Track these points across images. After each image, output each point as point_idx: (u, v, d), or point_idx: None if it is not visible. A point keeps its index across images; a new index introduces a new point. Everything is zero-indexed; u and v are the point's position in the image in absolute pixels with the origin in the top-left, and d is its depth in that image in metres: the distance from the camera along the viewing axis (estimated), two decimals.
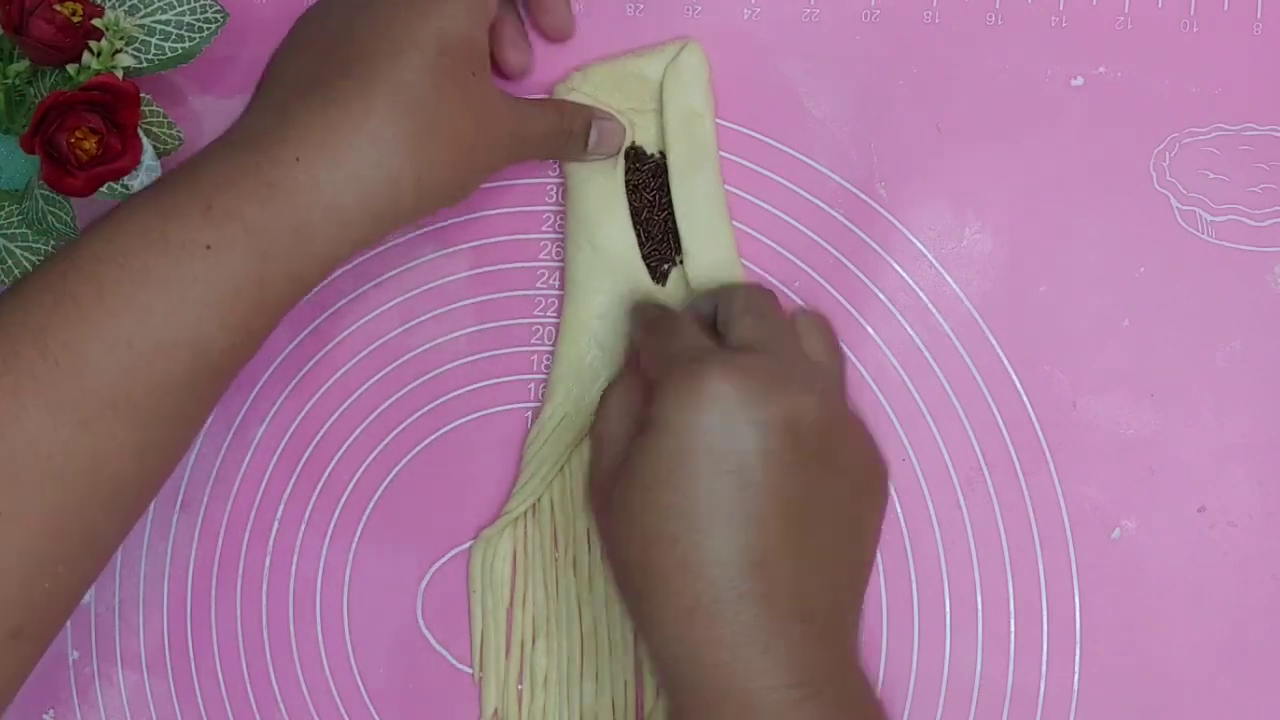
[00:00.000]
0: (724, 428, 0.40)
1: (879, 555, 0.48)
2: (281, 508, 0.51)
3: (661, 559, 0.40)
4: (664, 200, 0.50)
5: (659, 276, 0.49)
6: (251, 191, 0.40)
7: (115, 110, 0.44)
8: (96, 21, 0.45)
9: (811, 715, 0.39)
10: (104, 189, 0.45)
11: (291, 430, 0.51)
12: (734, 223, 0.50)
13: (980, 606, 0.48)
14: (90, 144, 0.44)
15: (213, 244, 0.39)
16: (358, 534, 0.50)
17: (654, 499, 0.41)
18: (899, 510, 0.48)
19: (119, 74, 0.45)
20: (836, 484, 0.43)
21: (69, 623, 0.50)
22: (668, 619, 0.40)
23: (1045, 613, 0.48)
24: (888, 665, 0.48)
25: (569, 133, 0.47)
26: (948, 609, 0.48)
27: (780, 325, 0.45)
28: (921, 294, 0.49)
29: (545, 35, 0.51)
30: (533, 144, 0.47)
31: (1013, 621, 0.48)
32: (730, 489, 0.40)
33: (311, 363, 0.51)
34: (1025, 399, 0.48)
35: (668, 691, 0.42)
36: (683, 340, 0.44)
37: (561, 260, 0.50)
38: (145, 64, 0.48)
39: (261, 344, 0.42)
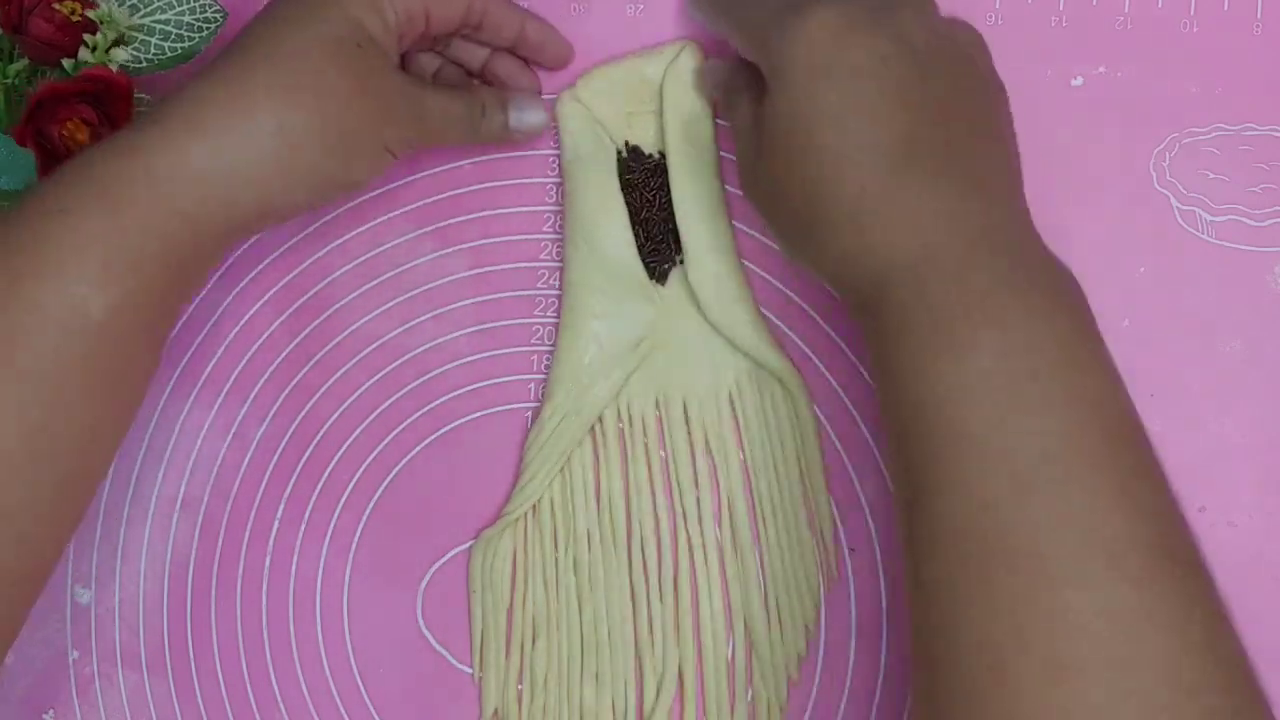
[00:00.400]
0: (839, 54, 0.40)
1: (878, 559, 0.48)
2: (281, 508, 0.51)
3: (820, 182, 0.41)
4: (664, 200, 0.50)
5: (658, 276, 0.49)
6: (108, 157, 0.41)
7: (108, 102, 0.44)
8: (90, 13, 0.45)
9: (996, 264, 0.39)
10: None
11: (291, 430, 0.51)
12: (734, 223, 0.50)
13: None
14: (82, 135, 0.44)
15: (69, 207, 0.40)
16: (358, 534, 0.50)
17: (798, 142, 0.41)
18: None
19: (114, 68, 0.45)
20: (961, 88, 0.42)
21: (69, 622, 0.50)
22: (841, 222, 0.41)
23: None
24: (887, 664, 0.48)
25: (478, 109, 0.48)
26: None
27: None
28: None
29: (548, 67, 0.51)
30: (436, 123, 0.47)
31: None
32: (861, 98, 0.40)
33: (311, 363, 0.51)
34: None
35: (866, 315, 0.41)
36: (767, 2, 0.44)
37: (561, 260, 0.50)
38: (145, 63, 0.48)
39: (169, 309, 0.43)
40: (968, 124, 0.42)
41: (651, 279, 0.49)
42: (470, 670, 0.49)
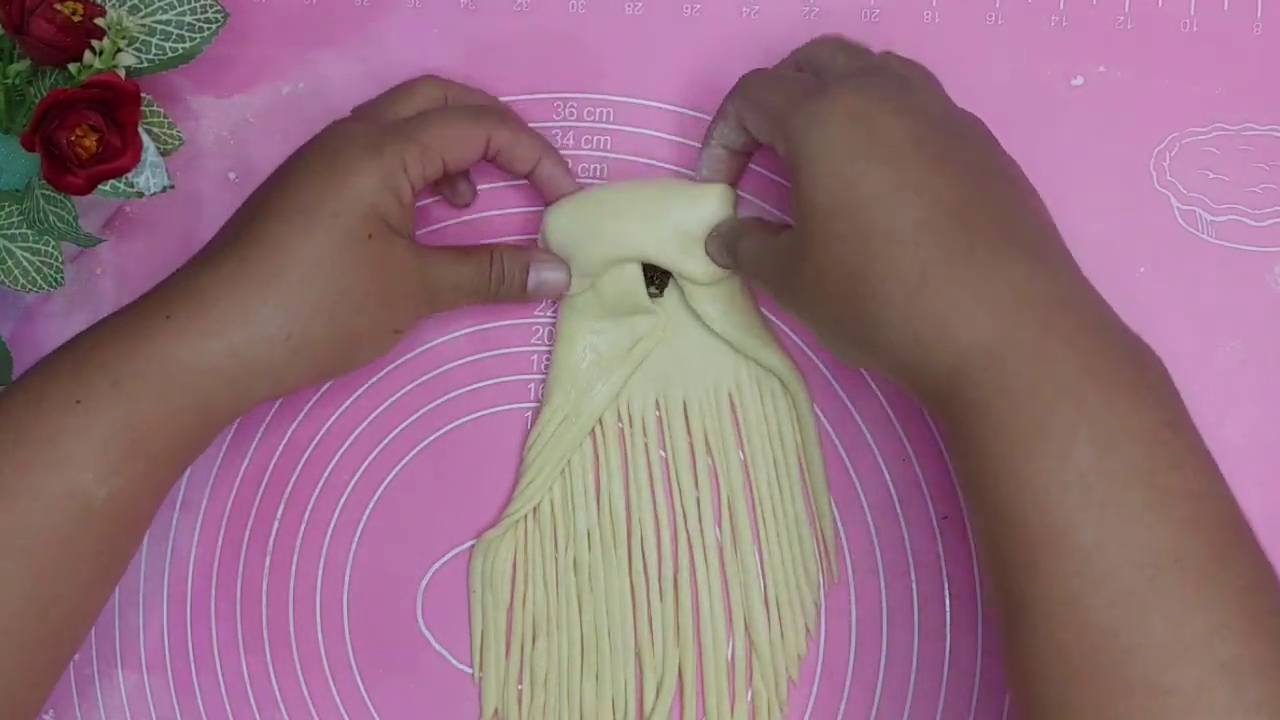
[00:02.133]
0: (872, 133, 0.39)
1: (879, 560, 0.48)
2: (281, 508, 0.51)
3: (871, 270, 0.39)
4: None
5: (656, 284, 0.49)
6: (122, 350, 0.42)
7: (116, 108, 0.44)
8: (99, 20, 0.45)
9: (1078, 344, 0.37)
10: (106, 187, 0.45)
11: (291, 430, 0.51)
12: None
13: (980, 606, 0.48)
14: (90, 142, 0.44)
15: (82, 399, 0.41)
16: (358, 534, 0.50)
17: (839, 229, 0.39)
18: (899, 510, 0.48)
19: (121, 73, 0.46)
20: (991, 156, 0.42)
21: None
22: (902, 310, 0.38)
23: None
24: (887, 663, 0.48)
25: (497, 278, 0.47)
26: (948, 608, 0.48)
27: (871, 53, 0.45)
28: None
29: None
30: (451, 292, 0.47)
31: None
32: (905, 174, 0.39)
33: None
34: None
35: (940, 408, 0.39)
36: (788, 85, 0.43)
37: None
38: (146, 64, 0.48)
39: (165, 489, 0.43)
40: (1009, 190, 0.41)
41: (649, 286, 0.49)
42: (470, 670, 0.49)
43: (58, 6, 0.44)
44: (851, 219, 0.39)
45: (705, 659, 0.48)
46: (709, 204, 0.47)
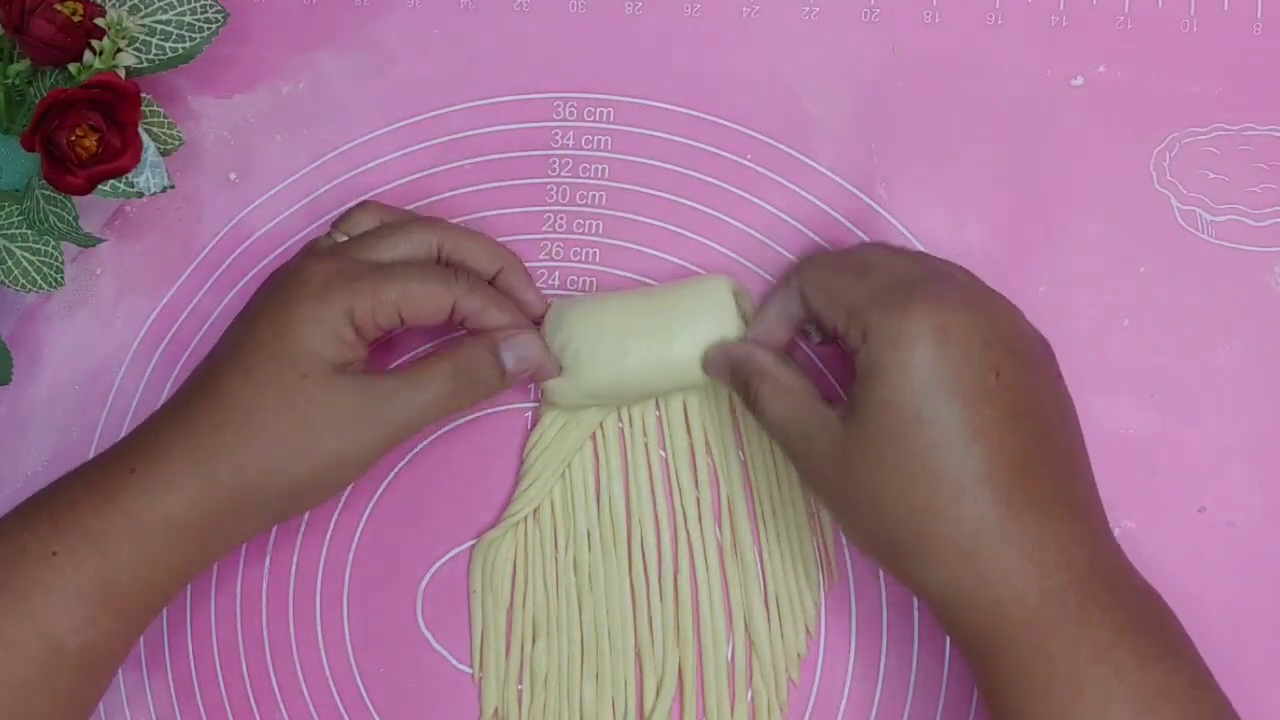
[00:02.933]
0: (954, 365, 0.39)
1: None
2: None
3: (932, 508, 0.39)
4: None
5: None
6: (94, 503, 0.42)
7: (116, 108, 0.44)
8: (99, 21, 0.45)
9: (1112, 605, 0.39)
10: (106, 187, 0.45)
11: None
12: (734, 222, 0.50)
13: None
14: (90, 142, 0.44)
15: (59, 551, 0.42)
16: (358, 534, 0.50)
17: (906, 467, 0.39)
18: None
19: (120, 73, 0.46)
20: (1053, 388, 0.42)
21: None
22: (954, 552, 0.39)
23: None
24: (887, 664, 0.48)
25: (472, 375, 0.46)
26: None
27: (918, 253, 0.45)
28: None
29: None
30: (419, 415, 0.45)
31: None
32: (983, 423, 0.39)
33: None
34: None
35: (974, 648, 0.40)
36: (869, 280, 0.42)
37: (561, 260, 0.51)
38: (146, 64, 0.48)
39: (136, 636, 0.44)
40: (1068, 443, 0.41)
41: None
42: (470, 670, 0.49)
43: (58, 6, 0.44)
44: (923, 460, 0.39)
45: (705, 659, 0.48)
46: (712, 318, 0.47)
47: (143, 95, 0.46)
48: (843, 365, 0.49)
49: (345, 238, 0.47)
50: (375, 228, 0.47)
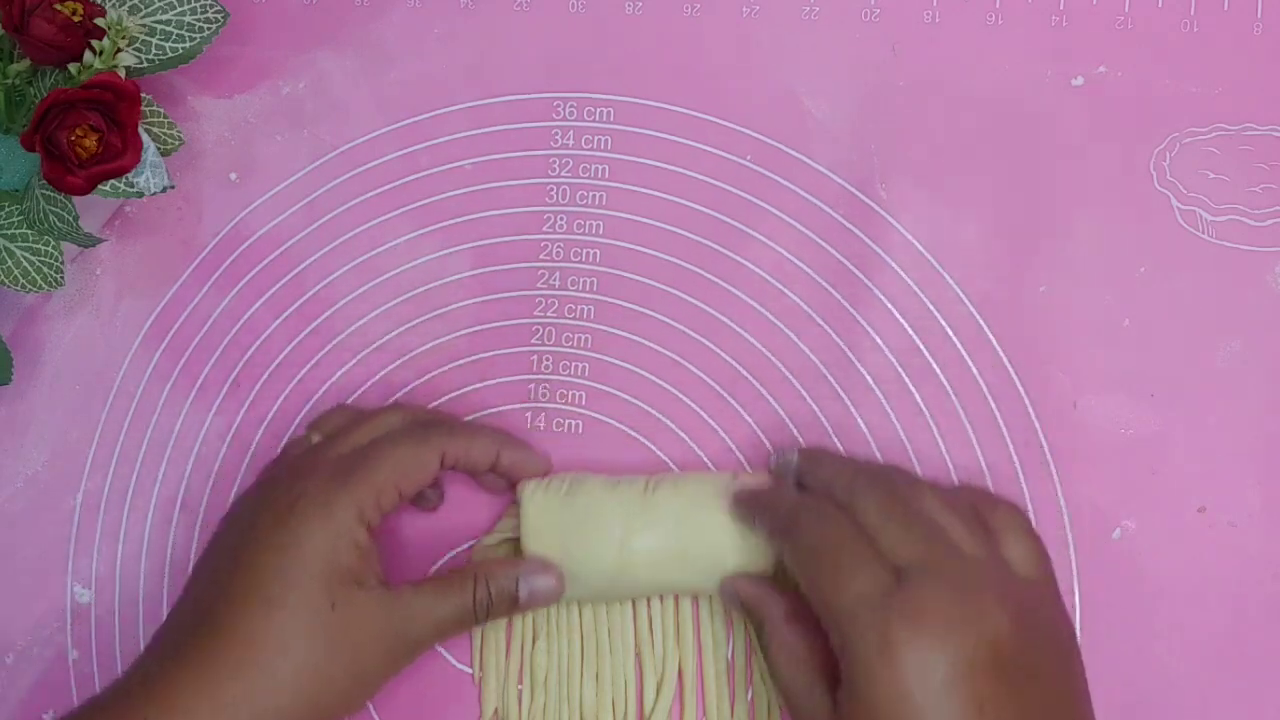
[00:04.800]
0: (931, 693, 0.38)
1: None
2: None
3: None
4: None
5: None
6: None
7: (116, 108, 0.44)
8: (99, 21, 0.45)
9: None
10: (106, 187, 0.45)
11: (291, 431, 0.51)
12: (732, 222, 0.50)
13: None
14: (91, 142, 0.44)
15: None
16: None
17: None
18: None
19: (121, 73, 0.46)
20: (1045, 686, 0.40)
21: (69, 622, 0.50)
22: None
23: None
24: None
25: (484, 602, 0.45)
26: None
27: (935, 523, 0.42)
28: (921, 294, 0.49)
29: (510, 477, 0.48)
30: (432, 634, 0.44)
31: None
32: None
33: (311, 363, 0.51)
34: (1025, 399, 0.48)
35: None
36: (856, 575, 0.40)
37: (561, 260, 0.51)
38: (146, 64, 0.48)
39: None
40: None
41: None
42: (470, 670, 0.49)
43: (58, 6, 0.44)
44: None
45: (705, 659, 0.48)
46: (716, 534, 0.45)
47: (143, 95, 0.46)
48: None
49: (319, 437, 0.47)
50: (348, 423, 0.47)
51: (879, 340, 0.49)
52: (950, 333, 0.49)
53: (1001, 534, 0.42)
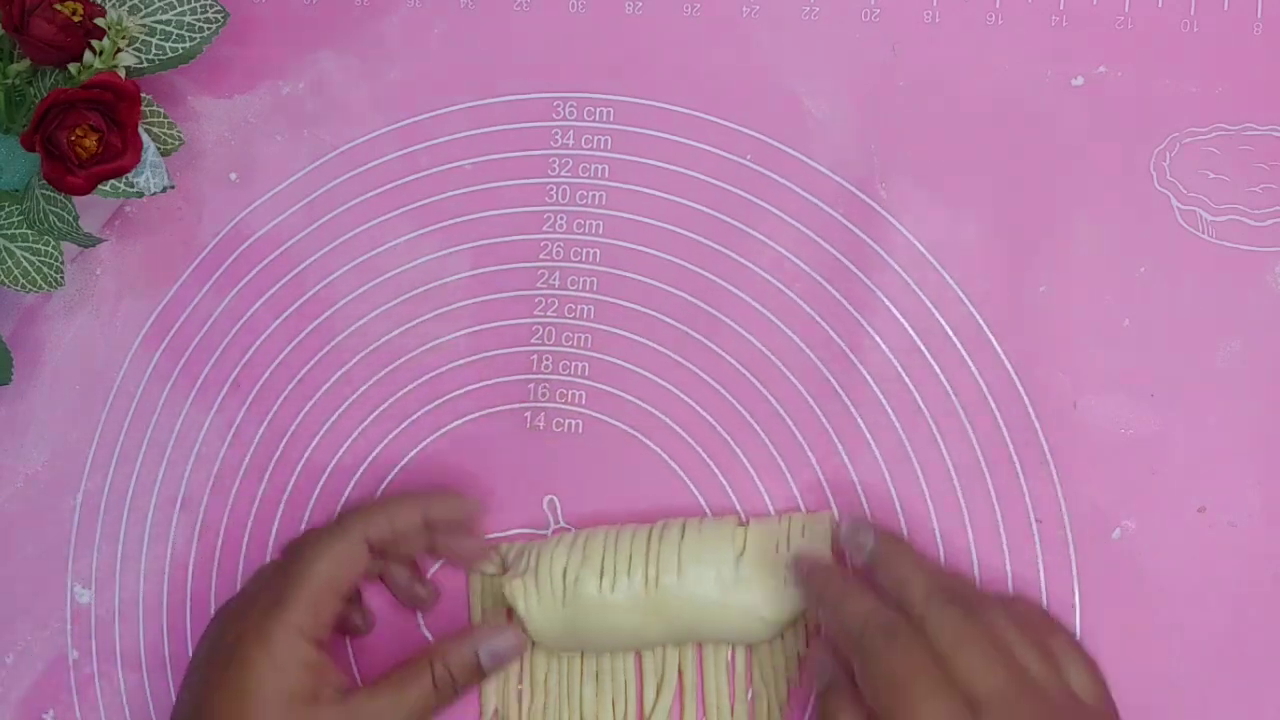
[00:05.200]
0: None
1: None
2: (281, 508, 0.51)
3: None
4: None
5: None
6: None
7: (116, 108, 0.44)
8: (99, 21, 0.45)
9: None
10: (106, 187, 0.45)
11: (291, 430, 0.51)
12: (733, 222, 0.50)
13: None
14: (91, 142, 0.44)
15: None
16: None
17: None
18: (899, 510, 0.48)
19: (121, 73, 0.46)
20: None
21: (69, 622, 0.50)
22: None
23: None
24: None
25: (446, 685, 0.45)
26: None
27: (1010, 651, 0.41)
28: (921, 294, 0.49)
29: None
30: (410, 717, 0.44)
31: None
32: None
33: (311, 363, 0.51)
34: (1025, 399, 0.48)
35: None
36: (931, 705, 0.39)
37: (561, 260, 0.51)
38: (146, 64, 0.48)
39: None
40: None
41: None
42: None
43: (58, 6, 0.44)
44: None
45: (705, 659, 0.48)
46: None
47: (143, 95, 0.46)
48: None
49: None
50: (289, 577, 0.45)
51: (879, 340, 0.49)
52: (950, 333, 0.49)
53: (1063, 659, 0.42)
